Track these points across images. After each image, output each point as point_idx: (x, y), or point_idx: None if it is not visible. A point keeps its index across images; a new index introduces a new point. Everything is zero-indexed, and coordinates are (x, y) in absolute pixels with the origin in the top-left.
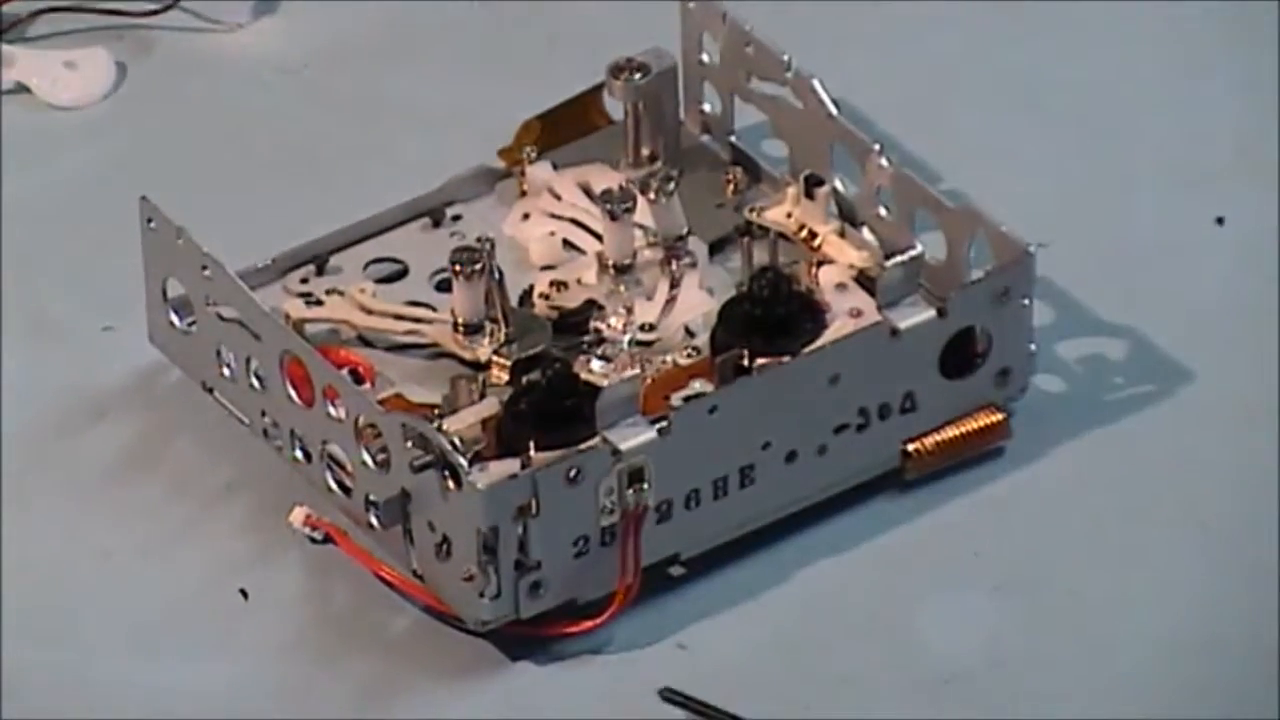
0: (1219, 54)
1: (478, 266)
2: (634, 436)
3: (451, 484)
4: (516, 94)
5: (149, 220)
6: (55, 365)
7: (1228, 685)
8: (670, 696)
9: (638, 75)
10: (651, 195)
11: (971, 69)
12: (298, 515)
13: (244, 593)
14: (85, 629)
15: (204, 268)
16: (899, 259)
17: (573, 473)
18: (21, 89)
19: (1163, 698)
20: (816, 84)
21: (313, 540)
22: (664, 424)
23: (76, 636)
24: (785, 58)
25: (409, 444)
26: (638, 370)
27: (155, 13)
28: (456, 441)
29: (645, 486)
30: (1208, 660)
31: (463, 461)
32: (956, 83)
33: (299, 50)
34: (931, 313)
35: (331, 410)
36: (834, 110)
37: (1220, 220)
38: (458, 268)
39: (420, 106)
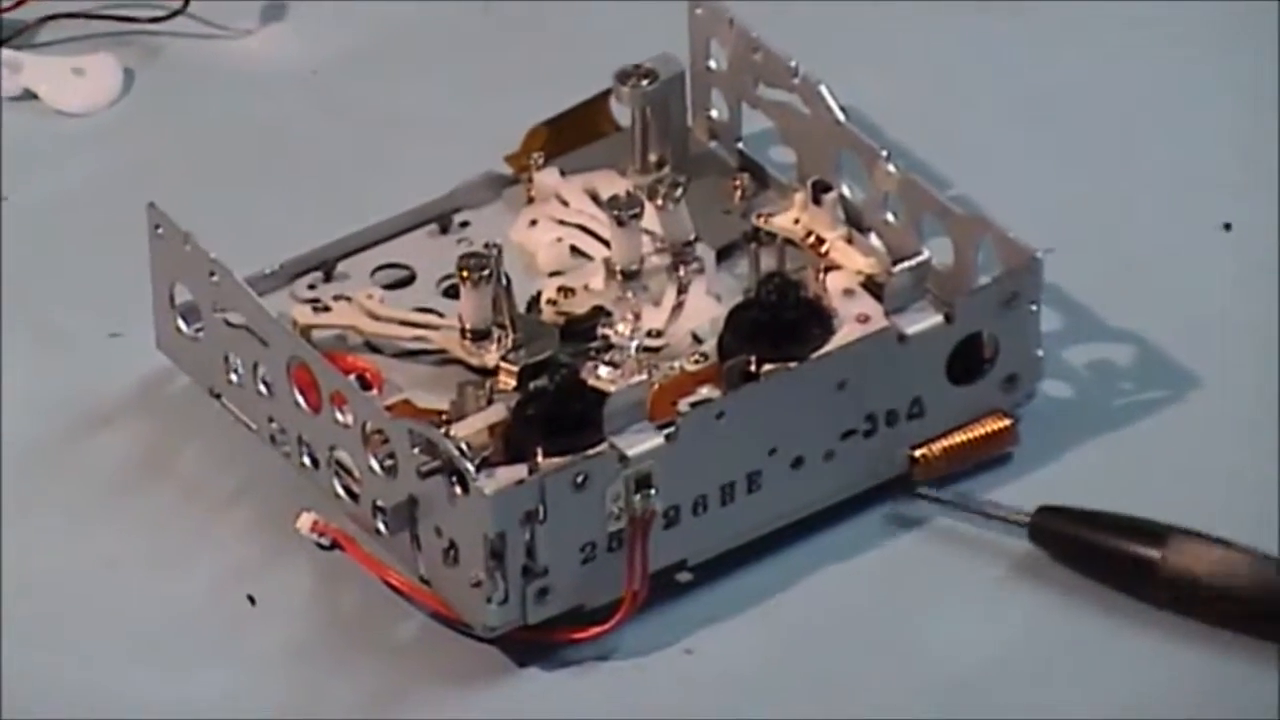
0: (1225, 60)
1: (485, 273)
2: (641, 442)
3: (459, 490)
4: (525, 100)
5: (156, 227)
6: (62, 371)
7: (1228, 685)
8: (922, 494)
9: (645, 82)
10: (659, 201)
11: (979, 75)
12: (305, 521)
13: (251, 599)
14: (93, 635)
15: (212, 274)
16: (906, 264)
17: (580, 478)
18: (29, 95)
19: (1168, 705)
20: (824, 90)
21: (320, 546)
22: (671, 430)
23: (84, 642)
24: (792, 64)
25: (416, 450)
26: (645, 376)
27: (163, 19)
28: (464, 447)
29: (653, 492)
30: (1213, 667)
31: (470, 467)
32: (964, 89)
33: (307, 56)
34: (939, 318)
35: (339, 416)
36: (841, 116)
37: (1228, 226)
38: (465, 274)
39: (429, 111)
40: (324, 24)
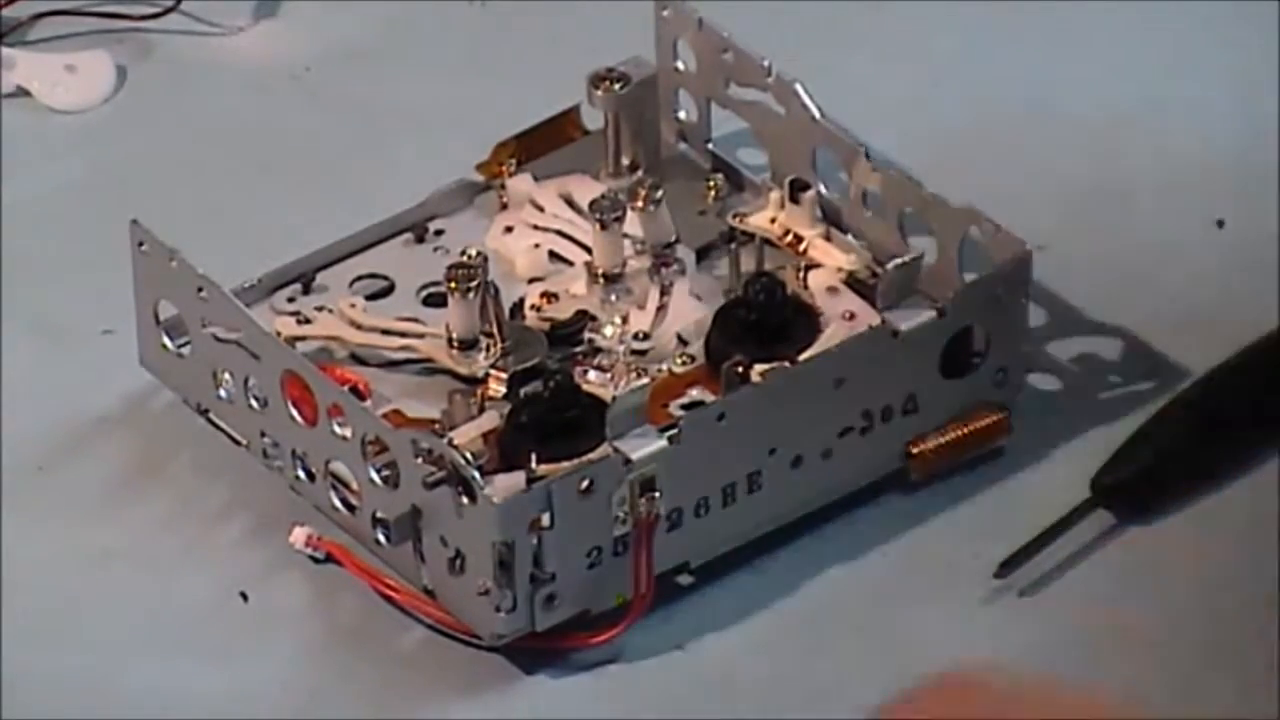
0: (1217, 55)
1: (474, 284)
2: (645, 446)
3: (465, 499)
4: (520, 98)
5: (140, 243)
6: (53, 375)
7: (1228, 685)
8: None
9: (619, 85)
10: (640, 203)
11: (965, 70)
12: (298, 536)
13: (244, 595)
14: (84, 649)
15: (200, 289)
16: (900, 261)
17: (585, 484)
18: (22, 92)
19: (1164, 698)
20: (799, 88)
21: (315, 560)
22: (674, 432)
23: (75, 657)
24: (765, 63)
25: (419, 460)
26: (644, 379)
27: (156, 16)
28: (469, 456)
29: (657, 495)
30: (1208, 660)
31: (477, 476)
32: (949, 84)
33: (300, 54)
34: (932, 314)
35: (336, 428)
36: (818, 114)
37: (1220, 223)
38: (454, 285)
39: (422, 110)
40: (317, 21)
